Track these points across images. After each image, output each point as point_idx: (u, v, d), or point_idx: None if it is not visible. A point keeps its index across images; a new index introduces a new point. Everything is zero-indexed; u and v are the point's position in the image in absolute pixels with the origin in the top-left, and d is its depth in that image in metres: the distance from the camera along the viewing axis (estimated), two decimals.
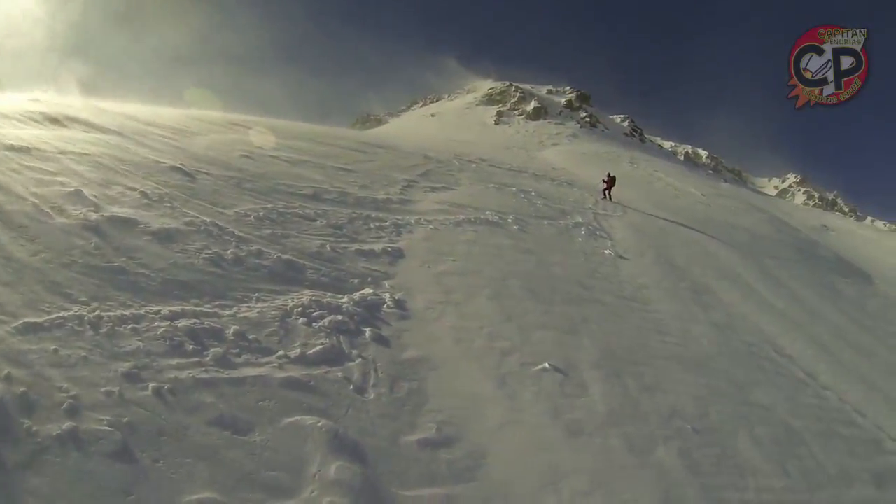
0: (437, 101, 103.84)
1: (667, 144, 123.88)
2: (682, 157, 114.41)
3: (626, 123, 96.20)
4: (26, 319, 4.68)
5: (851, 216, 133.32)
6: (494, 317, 8.26)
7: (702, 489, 5.90)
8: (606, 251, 14.59)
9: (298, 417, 4.79)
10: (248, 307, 6.31)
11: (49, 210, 6.68)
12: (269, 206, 9.82)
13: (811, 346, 12.81)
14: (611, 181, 25.23)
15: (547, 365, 7.17)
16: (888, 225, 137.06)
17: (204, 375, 4.85)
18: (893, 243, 50.68)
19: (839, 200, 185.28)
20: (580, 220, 17.89)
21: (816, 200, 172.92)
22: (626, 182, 32.98)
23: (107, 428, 3.89)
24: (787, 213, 49.66)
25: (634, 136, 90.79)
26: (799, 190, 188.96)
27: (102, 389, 4.23)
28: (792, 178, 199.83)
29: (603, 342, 8.59)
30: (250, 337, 5.73)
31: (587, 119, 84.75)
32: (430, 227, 11.87)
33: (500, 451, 5.39)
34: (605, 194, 25.04)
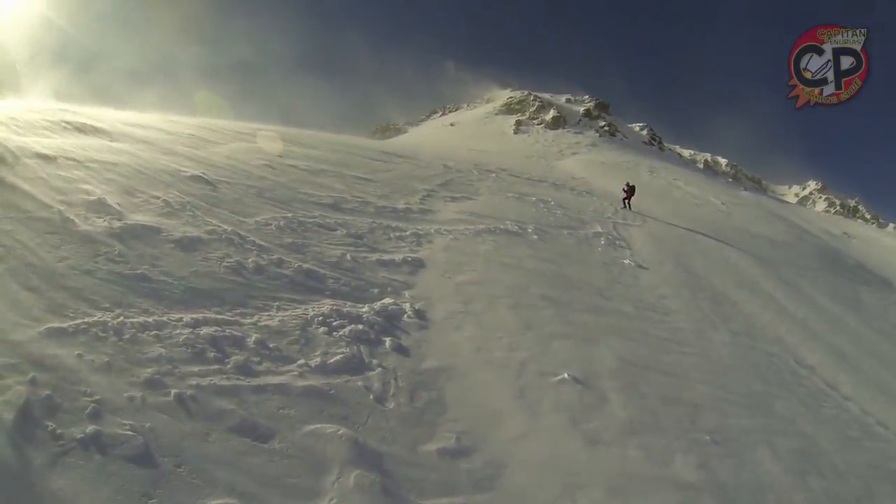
0: (455, 110, 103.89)
1: (686, 153, 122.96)
2: (701, 166, 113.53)
3: (644, 132, 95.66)
4: (51, 325, 4.73)
5: (873, 223, 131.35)
6: (513, 327, 8.24)
7: (720, 500, 5.86)
8: (626, 261, 14.60)
9: (319, 425, 4.81)
10: (269, 316, 6.34)
11: (74, 217, 6.75)
12: (289, 215, 9.88)
13: (832, 356, 12.69)
14: (630, 190, 25.18)
15: (566, 375, 7.15)
16: None
17: (225, 383, 4.89)
18: None
19: (861, 207, 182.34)
20: (600, 229, 17.91)
21: (838, 208, 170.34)
22: (646, 191, 32.82)
23: (129, 432, 3.93)
24: (808, 221, 49.30)
25: (653, 145, 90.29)
26: (820, 197, 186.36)
27: (125, 394, 4.27)
28: (812, 185, 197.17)
29: (622, 352, 8.55)
30: (271, 345, 5.76)
31: (606, 128, 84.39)
32: (450, 237, 11.91)
33: (519, 461, 5.37)
34: (624, 203, 25.00)
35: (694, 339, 10.39)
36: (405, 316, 7.58)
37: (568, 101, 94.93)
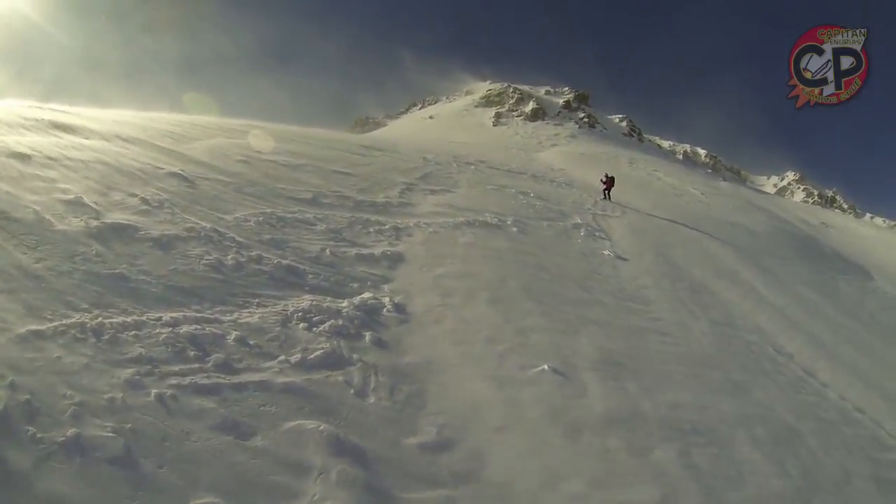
0: (435, 103, 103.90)
1: (665, 144, 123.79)
2: (680, 157, 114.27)
3: (624, 123, 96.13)
4: (29, 327, 4.72)
5: (851, 213, 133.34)
6: (493, 319, 8.27)
7: (700, 489, 5.90)
8: (605, 252, 14.64)
9: (300, 422, 4.81)
10: (249, 312, 6.36)
11: (50, 217, 6.73)
12: (268, 210, 9.89)
13: (810, 343, 12.85)
14: (610, 181, 25.29)
15: (545, 367, 7.17)
16: (887, 221, 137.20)
17: (206, 381, 4.89)
18: (893, 239, 50.80)
19: (838, 198, 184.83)
20: (579, 220, 17.94)
21: (816, 198, 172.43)
22: (625, 182, 32.95)
23: (110, 434, 3.93)
24: (787, 211, 49.70)
25: (633, 136, 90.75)
26: (798, 188, 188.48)
27: (105, 396, 4.26)
28: (791, 175, 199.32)
29: (602, 343, 8.60)
30: (251, 342, 5.77)
31: (585, 119, 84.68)
32: (430, 230, 11.91)
33: (500, 453, 5.40)
34: (604, 195, 25.11)
35: (674, 329, 10.45)
36: (385, 310, 7.60)
37: (547, 92, 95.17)
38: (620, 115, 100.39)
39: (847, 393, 10.50)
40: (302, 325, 6.45)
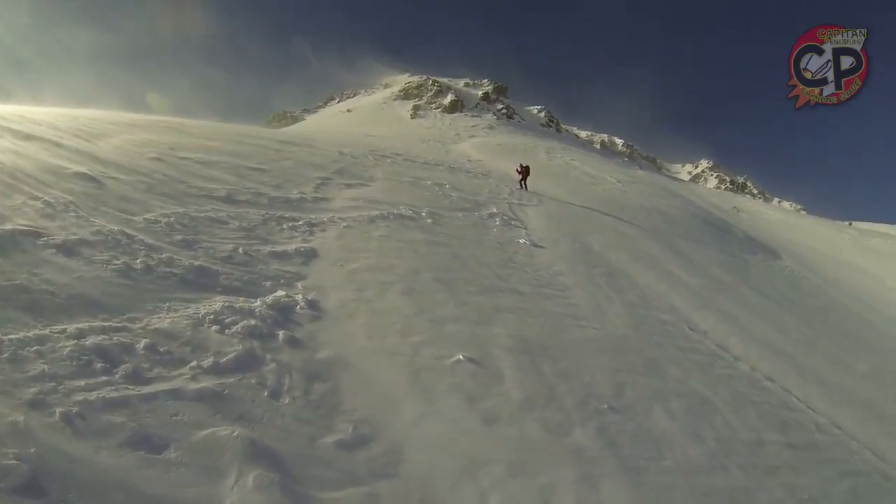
0: (353, 96, 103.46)
1: (583, 134, 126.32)
2: (598, 146, 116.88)
3: (542, 114, 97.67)
4: None
5: (760, 198, 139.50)
6: (407, 311, 8.32)
7: (620, 465, 6.11)
8: (521, 240, 14.90)
9: (214, 429, 4.71)
10: (160, 318, 6.16)
11: None
12: (180, 210, 9.65)
13: (723, 320, 13.50)
14: (525, 171, 25.66)
15: (461, 356, 7.27)
16: (794, 205, 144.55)
17: (114, 394, 4.70)
18: (799, 222, 53.53)
19: (749, 184, 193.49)
20: (495, 210, 18.20)
21: (728, 184, 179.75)
22: (543, 172, 33.49)
23: (13, 462, 3.70)
24: (700, 197, 51.56)
25: (551, 127, 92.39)
26: (711, 175, 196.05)
27: (7, 420, 4.05)
28: (704, 163, 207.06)
29: (517, 330, 8.75)
30: (162, 349, 5.60)
31: (504, 111, 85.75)
32: (344, 224, 11.88)
33: (418, 445, 5.44)
34: (520, 184, 25.44)
35: (590, 313, 10.74)
36: (298, 307, 7.54)
37: (466, 85, 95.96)
38: (539, 107, 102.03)
39: (758, 364, 11.13)
40: (214, 327, 6.31)
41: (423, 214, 14.61)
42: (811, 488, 7.46)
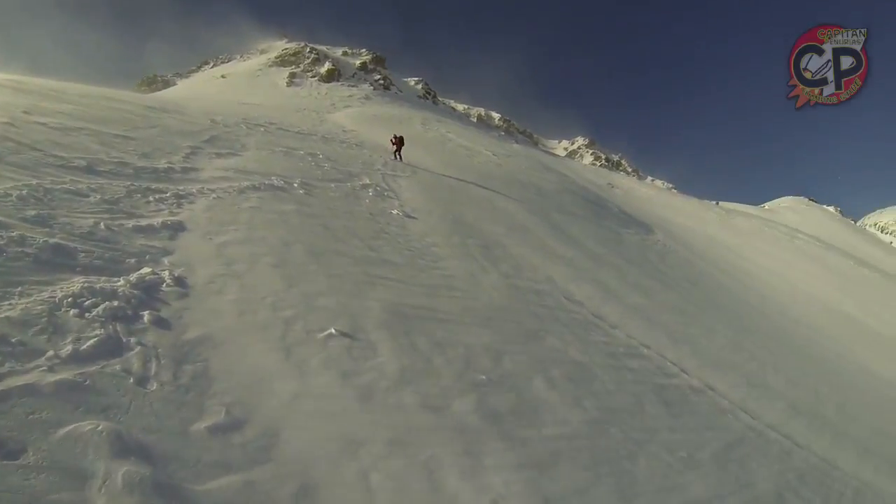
0: (228, 61, 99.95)
1: (460, 107, 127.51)
2: (474, 120, 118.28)
3: (420, 86, 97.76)
4: None
5: (634, 176, 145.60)
6: (277, 285, 8.16)
7: (501, 435, 6.27)
8: (394, 211, 14.99)
9: (76, 425, 4.30)
10: (11, 304, 5.58)
11: None
12: (34, 182, 8.96)
13: (599, 290, 14.15)
14: (399, 141, 25.74)
15: (333, 330, 7.22)
16: (665, 184, 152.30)
17: None
18: (671, 200, 56.58)
19: (624, 162, 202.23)
20: (368, 181, 18.21)
21: (603, 161, 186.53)
22: (418, 143, 33.57)
23: None
24: (576, 172, 53.16)
25: (428, 99, 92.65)
26: (587, 152, 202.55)
27: None
28: (581, 140, 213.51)
29: (391, 302, 8.78)
30: (14, 339, 5.06)
31: (381, 81, 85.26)
32: (213, 196, 11.55)
33: (293, 425, 5.32)
34: (395, 156, 25.48)
35: (465, 284, 10.91)
36: (164, 285, 7.14)
37: (345, 53, 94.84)
38: (416, 78, 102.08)
39: (633, 332, 11.79)
40: (73, 311, 5.81)
41: (295, 185, 14.45)
42: (688, 446, 8.01)
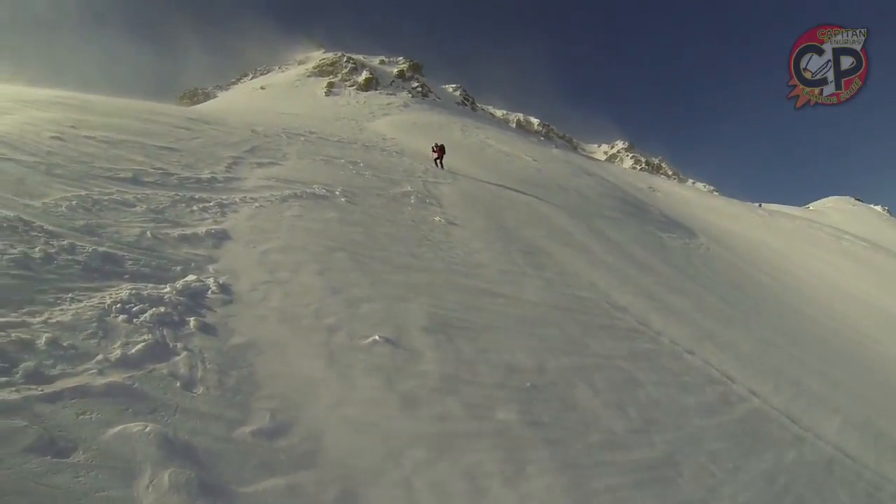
0: (267, 72, 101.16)
1: (499, 113, 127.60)
2: (513, 125, 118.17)
3: (458, 93, 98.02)
4: None
5: (675, 179, 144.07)
6: (321, 292, 8.18)
7: (545, 443, 6.20)
8: (436, 218, 14.94)
9: (124, 426, 4.37)
10: (62, 310, 5.73)
11: None
12: (82, 193, 9.15)
13: (642, 296, 13.86)
14: (440, 150, 25.64)
15: (377, 337, 7.22)
16: (707, 186, 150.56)
17: (15, 396, 4.32)
18: (712, 202, 55.60)
19: (664, 165, 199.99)
20: (409, 188, 18.19)
21: (643, 165, 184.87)
22: (457, 150, 33.46)
23: None
24: (616, 176, 52.51)
25: (466, 105, 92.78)
26: (627, 155, 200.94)
27: None
28: (620, 144, 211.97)
29: (434, 308, 8.76)
30: (65, 343, 5.19)
31: (419, 89, 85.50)
32: (256, 205, 11.65)
33: (337, 430, 5.35)
34: (436, 163, 25.41)
35: (508, 290, 10.82)
36: (209, 292, 7.27)
37: (381, 62, 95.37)
38: (454, 85, 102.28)
39: (678, 338, 11.49)
40: (121, 317, 5.94)
41: (337, 193, 14.49)
42: (735, 456, 7.79)
